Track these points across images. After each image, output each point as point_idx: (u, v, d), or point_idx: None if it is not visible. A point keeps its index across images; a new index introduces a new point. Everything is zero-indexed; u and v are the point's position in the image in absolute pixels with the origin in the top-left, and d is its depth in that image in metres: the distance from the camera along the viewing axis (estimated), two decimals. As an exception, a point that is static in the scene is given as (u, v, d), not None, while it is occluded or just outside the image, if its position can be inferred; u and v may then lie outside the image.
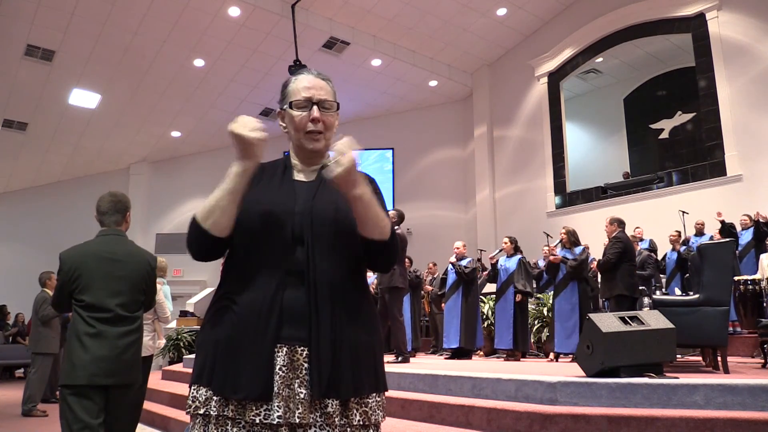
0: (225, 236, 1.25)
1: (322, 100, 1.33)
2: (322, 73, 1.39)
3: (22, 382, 7.65)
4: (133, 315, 2.78)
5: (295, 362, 1.19)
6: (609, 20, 11.47)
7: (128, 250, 2.90)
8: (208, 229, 1.23)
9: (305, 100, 1.32)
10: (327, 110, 1.34)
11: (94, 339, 2.62)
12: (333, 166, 1.17)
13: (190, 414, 1.22)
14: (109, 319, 2.68)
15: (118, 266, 2.79)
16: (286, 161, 1.39)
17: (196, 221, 1.24)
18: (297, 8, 10.89)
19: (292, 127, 1.34)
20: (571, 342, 6.20)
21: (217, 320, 1.24)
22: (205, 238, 1.24)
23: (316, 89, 1.34)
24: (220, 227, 1.23)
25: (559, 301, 6.46)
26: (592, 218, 10.78)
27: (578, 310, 6.23)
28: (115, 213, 2.94)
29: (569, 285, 6.38)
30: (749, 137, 9.33)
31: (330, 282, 1.23)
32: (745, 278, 6.63)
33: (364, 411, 1.24)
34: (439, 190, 14.43)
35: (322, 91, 1.34)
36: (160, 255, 15.58)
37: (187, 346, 9.87)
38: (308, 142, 1.33)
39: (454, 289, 7.51)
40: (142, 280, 2.86)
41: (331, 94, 1.36)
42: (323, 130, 1.33)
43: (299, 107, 1.32)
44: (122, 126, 13.50)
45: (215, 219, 1.23)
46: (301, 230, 1.25)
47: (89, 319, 2.65)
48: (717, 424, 2.83)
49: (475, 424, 3.43)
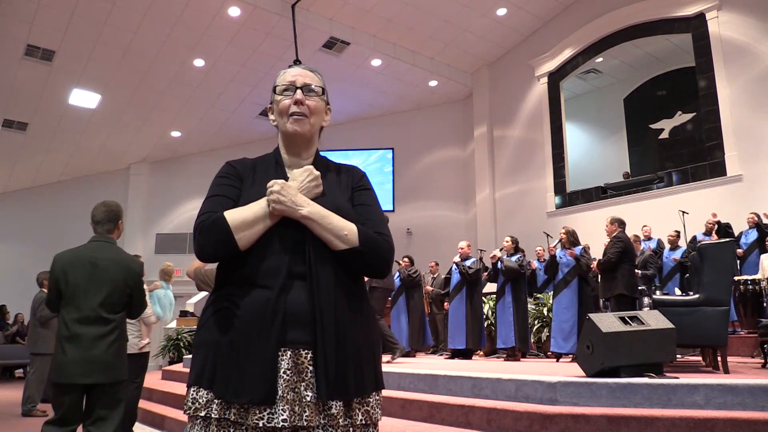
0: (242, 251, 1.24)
1: (306, 84, 1.36)
2: (310, 67, 1.43)
3: (22, 382, 7.65)
4: (110, 317, 2.95)
5: (299, 365, 1.19)
6: (609, 20, 11.47)
7: (112, 256, 3.05)
8: (238, 242, 1.22)
9: (289, 83, 1.36)
10: (311, 94, 1.36)
11: (71, 342, 2.85)
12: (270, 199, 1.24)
13: (190, 415, 1.21)
14: (85, 320, 2.89)
15: (99, 270, 2.97)
16: (276, 156, 1.40)
17: (227, 226, 1.22)
18: (297, 8, 10.89)
19: (278, 113, 1.36)
20: (569, 343, 6.21)
21: (217, 322, 1.23)
22: (228, 245, 1.22)
23: (300, 76, 1.37)
24: (246, 243, 1.23)
25: (558, 301, 6.46)
26: (592, 218, 10.78)
27: (577, 311, 6.23)
28: (107, 222, 3.13)
29: (569, 285, 6.38)
30: (749, 137, 9.33)
31: (332, 284, 1.23)
32: (745, 278, 6.63)
33: (365, 410, 1.24)
34: (439, 190, 14.43)
35: (306, 77, 1.37)
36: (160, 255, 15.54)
37: (187, 346, 9.87)
38: (291, 124, 1.33)
39: (458, 289, 7.48)
40: (124, 284, 3.02)
41: (316, 81, 1.38)
42: (307, 113, 1.34)
43: (282, 92, 1.36)
44: (122, 126, 13.50)
45: (247, 235, 1.23)
46: (303, 235, 1.25)
47: (69, 322, 2.89)
48: (717, 424, 2.83)
49: (475, 424, 3.43)
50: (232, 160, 1.41)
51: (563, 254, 6.49)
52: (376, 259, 1.28)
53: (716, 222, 7.97)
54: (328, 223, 1.24)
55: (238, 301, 1.21)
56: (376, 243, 1.28)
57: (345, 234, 1.24)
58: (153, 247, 15.01)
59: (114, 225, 3.16)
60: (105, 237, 3.12)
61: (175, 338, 10.12)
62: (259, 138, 14.51)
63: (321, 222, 1.24)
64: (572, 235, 6.56)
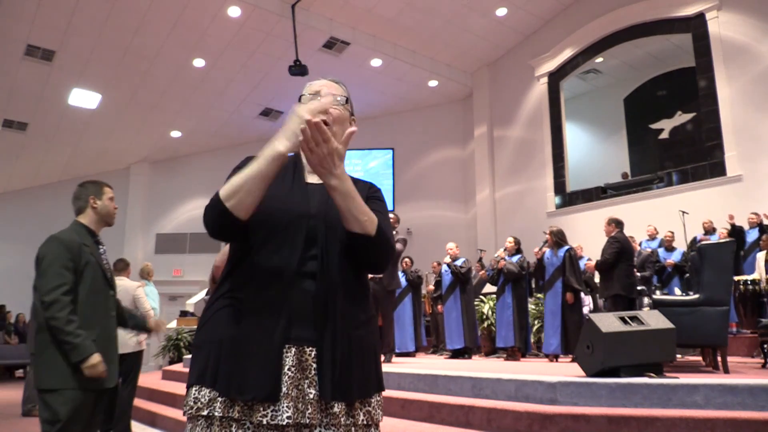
0: (244, 218, 1.21)
1: (330, 93, 1.39)
2: (336, 78, 1.46)
3: (22, 382, 7.66)
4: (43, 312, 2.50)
5: (303, 363, 1.19)
6: (609, 20, 11.47)
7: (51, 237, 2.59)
8: (231, 208, 1.19)
9: (314, 92, 1.39)
10: (335, 104, 1.37)
11: None
12: None
13: (190, 416, 1.20)
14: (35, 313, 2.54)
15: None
16: (295, 160, 1.40)
17: (219, 199, 1.20)
18: (297, 8, 10.89)
19: None
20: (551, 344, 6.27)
21: (220, 320, 1.23)
22: (224, 218, 1.20)
23: (326, 87, 1.41)
24: (242, 208, 1.19)
25: (545, 302, 6.53)
26: (592, 218, 10.78)
27: (560, 312, 6.27)
28: (75, 200, 2.74)
29: (552, 287, 6.42)
30: (749, 137, 9.33)
31: (340, 285, 1.24)
32: (745, 278, 6.63)
33: (367, 411, 1.25)
34: (439, 190, 14.43)
35: (332, 88, 1.41)
36: (160, 255, 15.52)
37: (187, 346, 9.88)
38: None
39: (451, 290, 7.53)
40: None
41: (340, 91, 1.42)
42: (330, 121, 1.34)
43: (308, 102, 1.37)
44: (122, 126, 13.50)
45: (240, 198, 1.19)
46: (315, 233, 1.26)
47: None
48: (717, 424, 2.83)
49: (475, 424, 3.43)
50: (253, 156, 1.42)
51: (549, 255, 6.52)
52: (382, 253, 1.30)
53: (732, 224, 7.98)
54: (353, 200, 1.23)
55: (243, 298, 1.22)
56: (387, 238, 1.29)
57: (365, 219, 1.24)
58: (153, 247, 15.02)
59: (83, 204, 2.72)
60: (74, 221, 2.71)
61: (175, 338, 10.12)
62: (259, 138, 14.49)
63: (347, 197, 1.22)
64: (557, 235, 6.57)
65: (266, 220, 1.24)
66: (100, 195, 2.75)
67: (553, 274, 6.42)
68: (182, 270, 14.58)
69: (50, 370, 2.42)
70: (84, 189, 2.75)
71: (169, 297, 14.72)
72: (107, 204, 2.76)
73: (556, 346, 6.26)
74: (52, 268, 2.46)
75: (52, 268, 2.46)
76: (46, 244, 2.54)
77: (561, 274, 6.36)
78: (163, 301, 14.65)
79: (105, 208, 2.75)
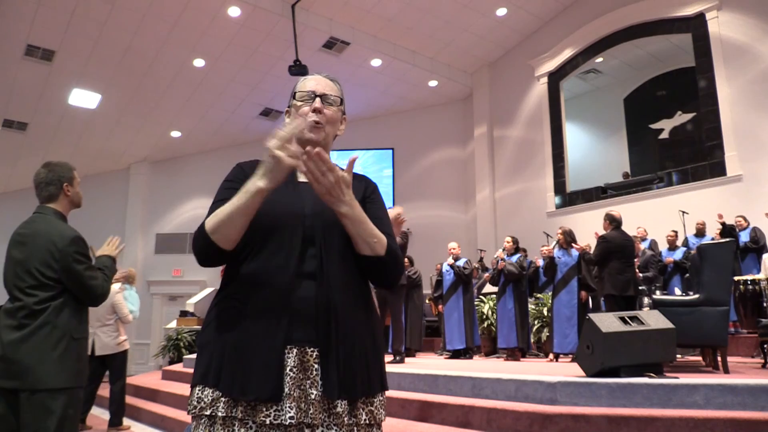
0: (230, 249, 1.24)
1: (326, 94, 1.40)
2: (331, 75, 1.47)
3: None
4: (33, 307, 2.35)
5: (305, 363, 1.20)
6: (609, 20, 11.47)
7: (36, 230, 2.47)
8: (216, 242, 1.22)
9: (309, 92, 1.39)
10: (329, 104, 1.40)
11: None
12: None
13: (195, 415, 1.21)
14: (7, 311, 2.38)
15: (20, 249, 2.45)
16: None
17: (205, 232, 1.23)
18: (297, 8, 10.89)
19: (295, 117, 1.40)
20: (569, 342, 6.22)
21: (223, 321, 1.24)
22: (211, 249, 1.23)
23: (321, 85, 1.41)
24: (227, 240, 1.23)
25: (558, 301, 6.47)
26: (592, 218, 10.77)
27: (576, 311, 6.24)
28: (46, 186, 2.54)
29: (567, 285, 6.40)
30: (749, 137, 9.33)
31: (340, 284, 1.24)
32: (745, 278, 6.64)
33: (370, 410, 1.26)
34: (439, 190, 14.43)
35: (327, 87, 1.42)
36: (160, 255, 15.53)
37: (187, 346, 9.88)
38: (308, 131, 1.36)
39: (453, 290, 7.51)
40: (44, 264, 2.40)
41: (335, 91, 1.43)
42: (324, 122, 1.37)
43: (302, 99, 1.40)
44: (122, 126, 13.50)
45: (224, 233, 1.22)
46: (312, 233, 1.26)
47: None
48: (717, 424, 2.83)
49: (475, 424, 3.43)
50: (243, 162, 1.42)
51: (562, 254, 6.51)
52: (394, 273, 1.32)
53: (722, 223, 8.01)
54: (363, 225, 1.25)
55: (245, 299, 1.23)
56: (398, 258, 1.31)
57: (375, 242, 1.26)
58: (153, 247, 15.01)
59: (57, 188, 2.55)
60: (41, 207, 2.55)
61: (175, 338, 10.12)
62: (259, 138, 14.49)
63: (357, 223, 1.24)
64: (569, 235, 6.58)
65: (263, 222, 1.25)
66: (72, 181, 2.62)
67: (568, 273, 6.40)
68: (182, 270, 14.57)
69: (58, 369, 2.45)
70: (53, 173, 2.57)
71: (169, 297, 14.73)
72: (78, 191, 2.66)
73: (574, 344, 6.06)
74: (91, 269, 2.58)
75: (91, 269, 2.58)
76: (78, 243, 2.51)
77: (576, 272, 6.35)
78: (163, 301, 14.75)
79: (77, 195, 2.65)
